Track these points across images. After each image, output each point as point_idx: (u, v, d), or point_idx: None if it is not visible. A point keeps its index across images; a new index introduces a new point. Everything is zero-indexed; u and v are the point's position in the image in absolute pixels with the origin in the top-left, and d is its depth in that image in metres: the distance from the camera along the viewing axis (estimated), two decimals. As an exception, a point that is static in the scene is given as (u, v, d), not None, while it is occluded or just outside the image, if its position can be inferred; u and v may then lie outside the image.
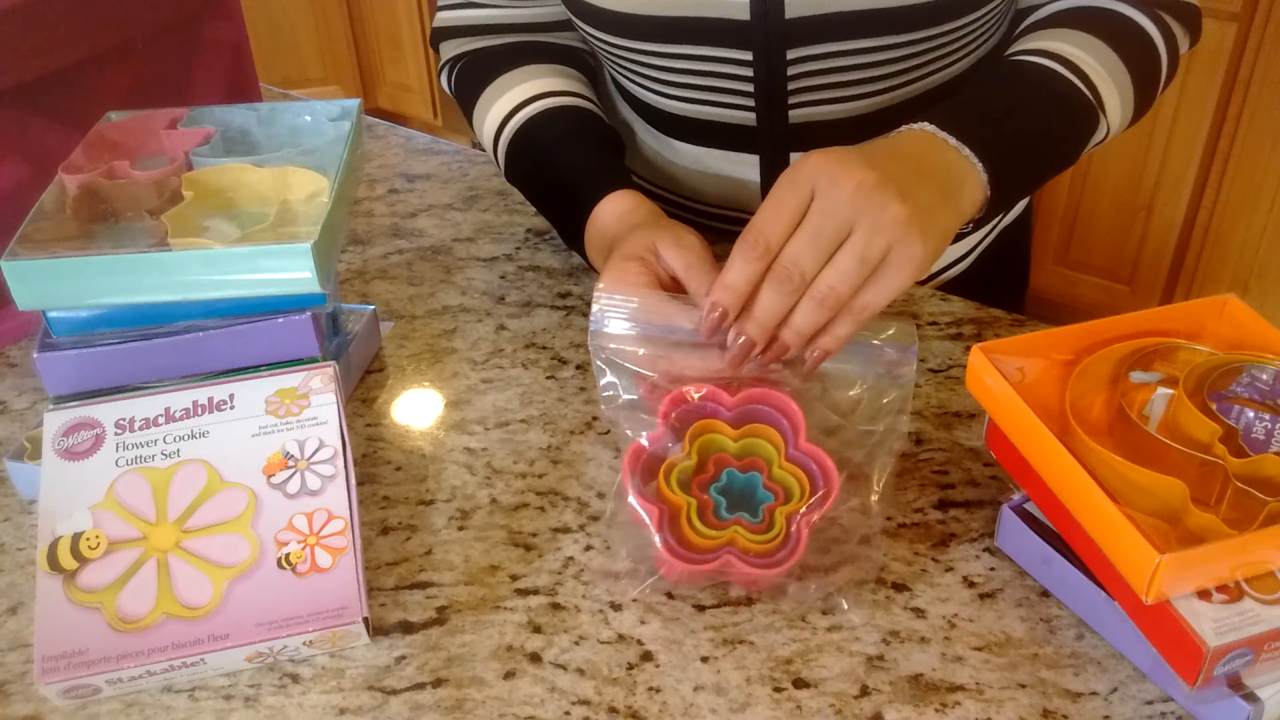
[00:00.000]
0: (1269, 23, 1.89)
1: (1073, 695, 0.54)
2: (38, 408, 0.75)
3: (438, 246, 0.94)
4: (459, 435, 0.72)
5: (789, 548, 0.57)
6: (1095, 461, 0.54)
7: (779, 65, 0.77)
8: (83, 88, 0.82)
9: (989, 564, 0.61)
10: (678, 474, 0.59)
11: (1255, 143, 1.99)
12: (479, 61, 0.88)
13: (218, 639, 0.54)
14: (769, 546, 0.57)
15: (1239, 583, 0.51)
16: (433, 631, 0.59)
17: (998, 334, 0.80)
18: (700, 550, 0.57)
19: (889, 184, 0.56)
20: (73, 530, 0.57)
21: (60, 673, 0.53)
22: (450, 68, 0.91)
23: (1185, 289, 2.19)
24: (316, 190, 0.69)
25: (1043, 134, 0.70)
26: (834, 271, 0.56)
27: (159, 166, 0.70)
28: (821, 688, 0.55)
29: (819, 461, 0.58)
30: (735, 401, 0.60)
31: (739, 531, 0.57)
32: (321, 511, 0.58)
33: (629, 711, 0.54)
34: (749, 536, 0.57)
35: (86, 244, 0.65)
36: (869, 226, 0.56)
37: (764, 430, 0.60)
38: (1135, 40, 0.74)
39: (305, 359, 0.67)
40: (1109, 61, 0.72)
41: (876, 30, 0.75)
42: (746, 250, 0.57)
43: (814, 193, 0.56)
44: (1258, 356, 0.59)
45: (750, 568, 0.56)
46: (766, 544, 0.57)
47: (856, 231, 0.56)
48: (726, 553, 0.57)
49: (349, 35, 3.21)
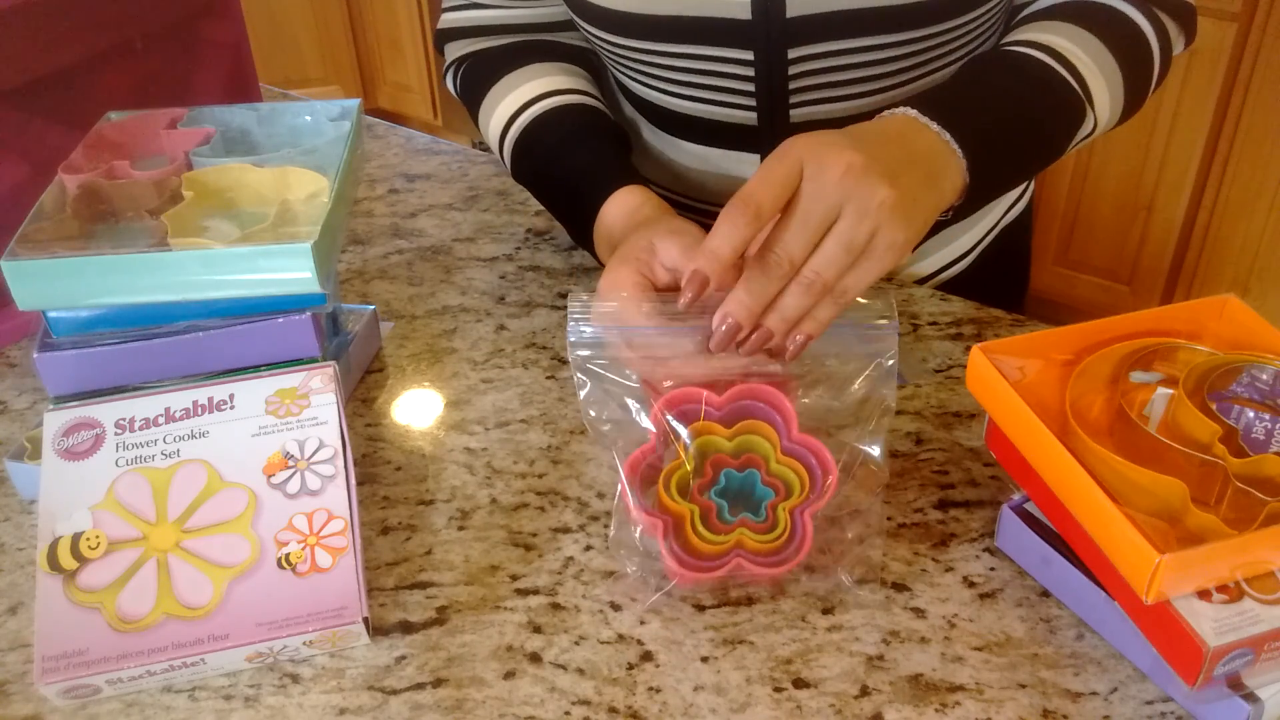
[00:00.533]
0: (1269, 23, 1.89)
1: (1073, 695, 0.54)
2: (38, 408, 0.75)
3: (438, 246, 0.94)
4: (459, 435, 0.72)
5: (796, 543, 0.57)
6: (1095, 461, 0.54)
7: (780, 64, 0.77)
8: (83, 88, 0.82)
9: (989, 564, 0.61)
10: (677, 481, 0.59)
11: (1255, 143, 1.99)
12: (483, 62, 0.88)
13: (218, 639, 0.54)
14: (776, 544, 0.57)
15: (1239, 583, 0.51)
16: (433, 631, 0.59)
17: (998, 334, 0.80)
18: (708, 556, 0.57)
19: (876, 167, 0.56)
20: (73, 530, 0.57)
21: (60, 673, 0.53)
22: (455, 69, 0.91)
23: (1185, 289, 2.19)
24: (316, 190, 0.69)
25: (1026, 122, 0.70)
26: (821, 258, 0.56)
27: (159, 166, 0.70)
28: (821, 688, 0.55)
29: (815, 452, 0.59)
30: (724, 400, 0.60)
31: (745, 533, 0.57)
32: (321, 511, 0.58)
33: (629, 711, 0.54)
34: (755, 537, 0.57)
35: (86, 244, 0.65)
36: (856, 211, 0.56)
37: (757, 426, 0.60)
38: (1127, 35, 0.74)
39: (305, 359, 0.67)
40: (1098, 54, 0.72)
41: (877, 28, 0.75)
42: (735, 215, 0.55)
43: (803, 173, 0.56)
44: (1258, 356, 0.59)
45: (761, 568, 0.57)
46: (773, 542, 0.57)
47: (844, 217, 0.56)
48: (735, 556, 0.57)
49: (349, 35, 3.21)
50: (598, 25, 0.80)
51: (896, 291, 0.85)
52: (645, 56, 0.81)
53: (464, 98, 0.90)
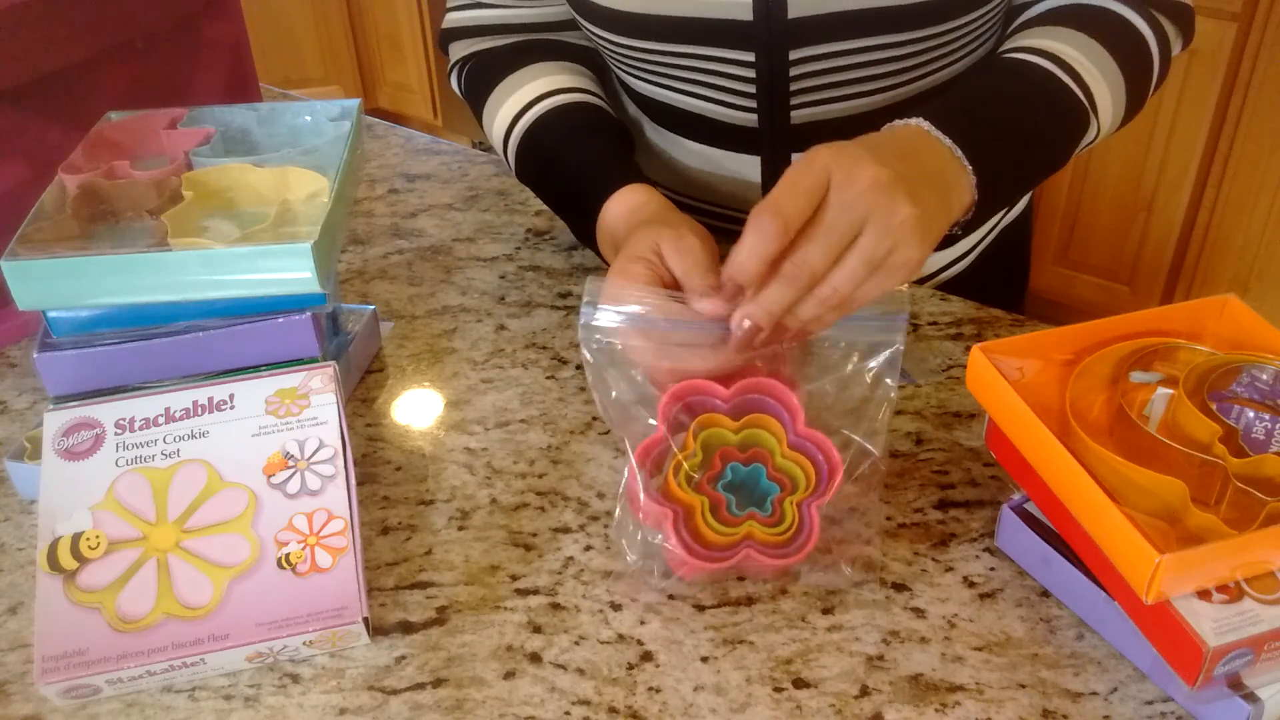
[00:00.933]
0: (1269, 23, 1.89)
1: (1073, 695, 0.54)
2: (38, 408, 0.75)
3: (438, 246, 0.94)
4: (459, 435, 0.72)
5: (803, 536, 0.58)
6: (1095, 461, 0.54)
7: (781, 65, 0.77)
8: (83, 88, 0.82)
9: (989, 564, 0.61)
10: (685, 472, 0.59)
11: (1255, 143, 1.99)
12: (486, 62, 0.88)
13: (218, 639, 0.54)
14: (783, 538, 0.58)
15: (1239, 583, 0.51)
16: (433, 631, 0.59)
17: (998, 334, 0.80)
18: (717, 547, 0.58)
19: (901, 184, 0.56)
20: (73, 530, 0.57)
21: (60, 673, 0.53)
22: (460, 69, 0.91)
23: (1185, 289, 2.19)
24: (316, 190, 0.69)
25: (1035, 136, 0.70)
26: (842, 273, 0.56)
27: (159, 166, 0.70)
28: (821, 688, 0.55)
29: (821, 446, 0.59)
30: (731, 394, 0.60)
31: (754, 526, 0.58)
32: (321, 511, 0.58)
33: (629, 711, 0.54)
34: (764, 530, 0.58)
35: (86, 244, 0.65)
36: (879, 227, 0.56)
37: (763, 420, 0.60)
38: (1128, 39, 0.74)
39: (305, 359, 0.67)
40: (1102, 61, 0.72)
41: (878, 29, 0.75)
42: (763, 226, 0.56)
43: (829, 183, 0.56)
44: (1258, 356, 0.59)
45: (771, 559, 0.57)
46: (780, 535, 0.58)
47: (866, 232, 0.56)
48: (745, 547, 0.57)
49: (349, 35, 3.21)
50: (600, 25, 0.80)
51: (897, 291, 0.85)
52: (647, 56, 0.81)
53: (468, 98, 0.90)
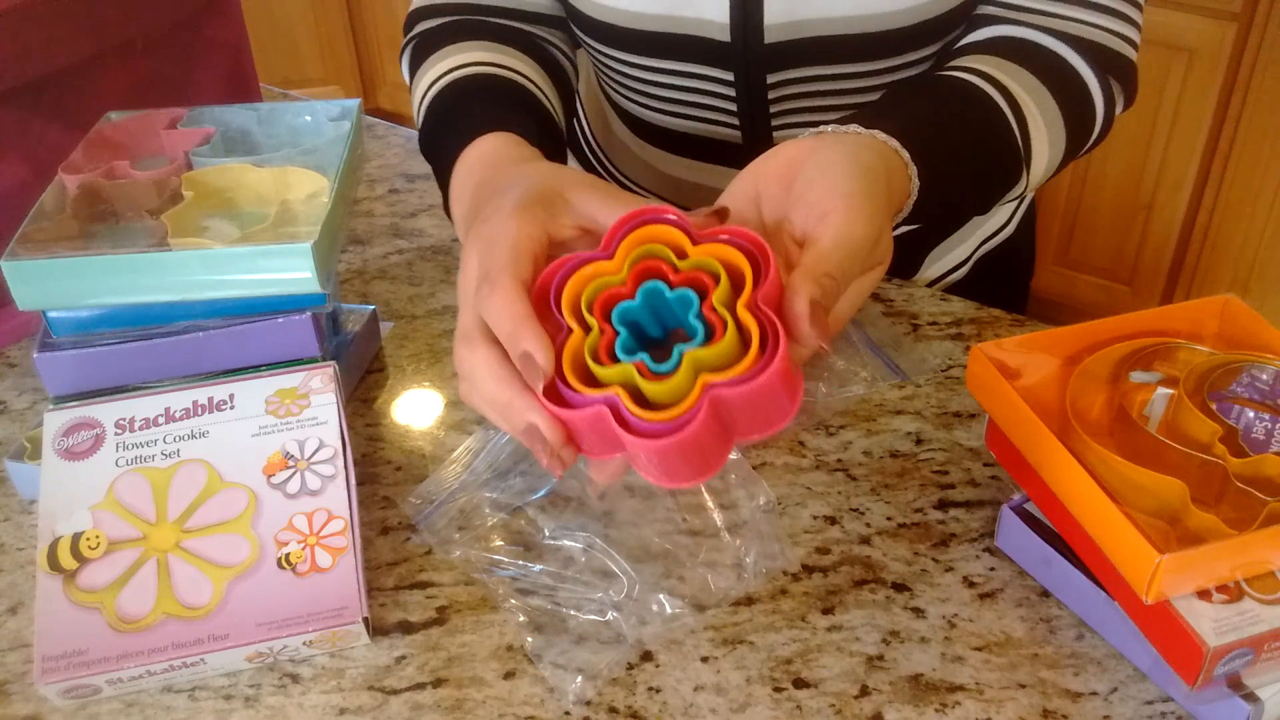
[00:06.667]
0: (1269, 23, 1.89)
1: (1073, 695, 0.54)
2: (38, 408, 0.75)
3: (438, 246, 0.94)
4: (459, 435, 0.72)
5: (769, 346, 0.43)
6: (1095, 461, 0.54)
7: (760, 87, 0.77)
8: (83, 88, 0.82)
9: (989, 564, 0.61)
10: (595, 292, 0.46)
11: (1255, 143, 1.99)
12: (426, 40, 0.80)
13: (218, 639, 0.54)
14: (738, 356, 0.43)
15: (1239, 583, 0.51)
16: (433, 631, 0.59)
17: (998, 334, 0.80)
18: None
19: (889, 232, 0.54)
20: (73, 530, 0.57)
21: (60, 673, 0.53)
22: (408, 51, 0.82)
23: (1185, 289, 2.19)
24: (316, 190, 0.69)
25: (973, 192, 0.67)
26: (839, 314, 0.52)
27: (159, 166, 0.70)
28: (821, 688, 0.55)
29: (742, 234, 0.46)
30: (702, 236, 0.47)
31: (697, 351, 0.43)
32: (321, 511, 0.58)
33: (629, 711, 0.54)
34: (706, 353, 0.43)
35: (86, 244, 0.65)
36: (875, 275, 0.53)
37: (728, 253, 0.46)
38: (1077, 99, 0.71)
39: (305, 359, 0.67)
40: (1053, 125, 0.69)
41: (854, 56, 0.74)
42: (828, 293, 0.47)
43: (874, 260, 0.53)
44: (1258, 356, 0.59)
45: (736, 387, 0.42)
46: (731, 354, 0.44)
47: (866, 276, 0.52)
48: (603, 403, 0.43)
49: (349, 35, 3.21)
50: (587, 33, 0.80)
51: (897, 291, 0.85)
52: (631, 70, 0.81)
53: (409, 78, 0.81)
